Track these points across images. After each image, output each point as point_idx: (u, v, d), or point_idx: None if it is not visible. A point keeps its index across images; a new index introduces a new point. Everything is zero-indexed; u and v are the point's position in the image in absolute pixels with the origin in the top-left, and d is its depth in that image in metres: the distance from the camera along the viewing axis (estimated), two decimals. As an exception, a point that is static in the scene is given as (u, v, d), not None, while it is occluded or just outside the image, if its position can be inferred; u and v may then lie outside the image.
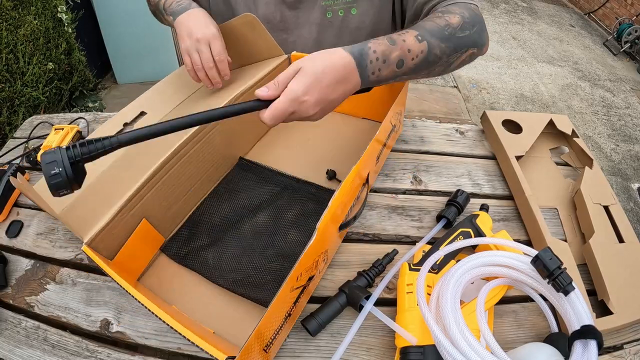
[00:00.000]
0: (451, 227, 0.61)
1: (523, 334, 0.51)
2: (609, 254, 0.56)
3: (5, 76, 1.69)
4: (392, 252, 0.56)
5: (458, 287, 0.44)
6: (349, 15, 0.75)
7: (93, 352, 0.49)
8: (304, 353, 0.49)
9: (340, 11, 0.75)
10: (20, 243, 0.63)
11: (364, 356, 0.49)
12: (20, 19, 1.74)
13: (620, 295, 0.52)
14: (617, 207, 0.63)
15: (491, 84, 2.87)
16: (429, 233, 0.61)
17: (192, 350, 0.49)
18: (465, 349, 0.38)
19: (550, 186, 0.69)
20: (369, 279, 0.53)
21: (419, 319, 0.45)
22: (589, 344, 0.39)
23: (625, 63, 3.31)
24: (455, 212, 0.62)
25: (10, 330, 0.52)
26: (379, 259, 0.55)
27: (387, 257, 0.55)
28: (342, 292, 0.51)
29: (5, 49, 1.66)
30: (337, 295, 0.51)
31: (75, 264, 0.59)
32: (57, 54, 1.98)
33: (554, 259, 0.42)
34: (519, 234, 0.63)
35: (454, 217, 0.62)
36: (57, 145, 0.72)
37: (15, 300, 0.55)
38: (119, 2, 2.19)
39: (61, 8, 1.96)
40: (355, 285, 0.51)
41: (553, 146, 0.77)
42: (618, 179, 2.19)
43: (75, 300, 0.55)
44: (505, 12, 4.00)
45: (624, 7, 3.57)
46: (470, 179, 0.71)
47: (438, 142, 0.78)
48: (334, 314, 0.49)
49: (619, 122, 2.61)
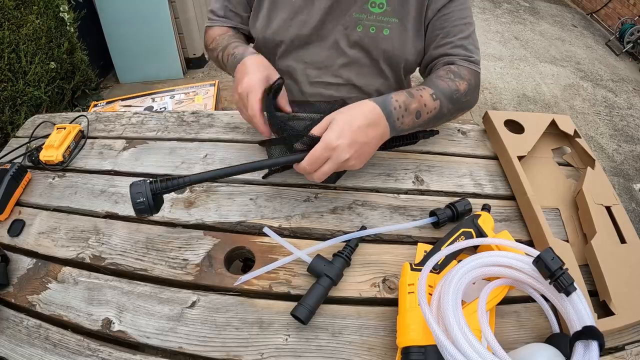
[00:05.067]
0: (439, 227, 0.62)
1: (524, 334, 0.51)
2: (611, 254, 0.56)
3: (7, 75, 1.70)
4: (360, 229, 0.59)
5: (459, 288, 0.44)
6: (380, 34, 0.72)
7: (94, 351, 0.49)
8: (305, 353, 0.49)
9: (372, 27, 0.72)
10: (22, 242, 0.63)
11: (366, 356, 0.49)
12: (22, 18, 1.75)
13: (622, 296, 0.51)
14: (619, 207, 0.63)
15: (493, 84, 2.86)
16: (412, 222, 0.62)
17: (193, 350, 0.49)
18: (466, 350, 0.38)
19: (552, 186, 0.69)
20: (346, 259, 0.55)
21: (420, 319, 0.45)
22: (591, 344, 0.39)
23: (627, 63, 3.30)
24: (448, 214, 0.61)
25: (12, 329, 0.52)
26: (348, 241, 0.57)
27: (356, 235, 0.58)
28: (323, 275, 0.52)
29: (7, 48, 1.67)
30: (319, 279, 0.52)
31: (76, 263, 0.59)
32: (59, 53, 1.98)
33: (555, 259, 0.42)
34: (520, 235, 0.63)
35: (445, 219, 0.61)
36: (59, 144, 0.73)
37: (17, 299, 0.56)
38: (121, 2, 2.19)
39: (63, 7, 1.97)
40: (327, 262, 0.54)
41: (555, 146, 0.77)
42: (620, 179, 2.18)
43: (77, 299, 0.55)
44: (508, 12, 4.00)
45: (626, 7, 3.56)
46: (472, 179, 0.71)
47: (440, 142, 0.78)
48: (320, 297, 0.51)
49: (621, 123, 2.60)
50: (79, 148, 0.78)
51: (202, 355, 0.49)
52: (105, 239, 0.62)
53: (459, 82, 0.68)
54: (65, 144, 0.75)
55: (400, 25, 0.72)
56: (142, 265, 0.58)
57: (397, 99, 0.60)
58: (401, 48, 0.74)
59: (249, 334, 0.50)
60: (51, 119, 0.86)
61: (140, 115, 0.86)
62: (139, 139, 0.80)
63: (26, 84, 1.79)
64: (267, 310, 0.53)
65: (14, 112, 1.77)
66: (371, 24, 0.72)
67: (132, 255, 0.59)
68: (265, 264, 0.57)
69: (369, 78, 0.79)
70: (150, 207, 0.51)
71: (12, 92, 1.73)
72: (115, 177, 0.72)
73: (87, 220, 0.65)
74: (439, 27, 0.72)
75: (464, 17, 0.72)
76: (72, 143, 0.76)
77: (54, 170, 0.74)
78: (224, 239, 0.61)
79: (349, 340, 0.50)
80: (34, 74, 1.82)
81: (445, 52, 0.72)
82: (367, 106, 0.56)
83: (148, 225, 0.63)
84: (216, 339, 0.50)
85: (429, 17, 0.72)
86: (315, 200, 0.66)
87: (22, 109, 1.79)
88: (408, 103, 0.60)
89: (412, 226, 0.61)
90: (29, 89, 1.80)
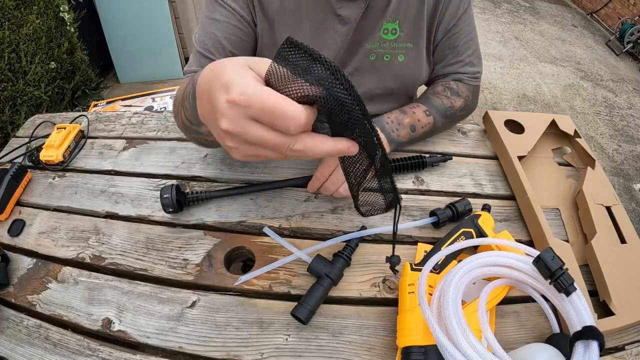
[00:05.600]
0: (439, 227, 0.62)
1: (524, 334, 0.51)
2: (611, 254, 0.56)
3: (7, 75, 1.70)
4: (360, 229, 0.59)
5: (460, 287, 0.44)
6: (395, 62, 0.70)
7: (94, 351, 0.49)
8: (305, 353, 0.49)
9: (385, 56, 0.69)
10: (22, 242, 0.63)
11: (366, 356, 0.49)
12: (22, 18, 1.75)
13: (622, 296, 0.51)
14: (619, 207, 0.63)
15: (493, 84, 2.86)
16: (412, 222, 0.62)
17: (193, 350, 0.49)
18: (466, 350, 0.38)
19: (553, 187, 0.69)
20: (346, 259, 0.55)
21: (420, 319, 0.45)
22: (591, 344, 0.39)
23: (627, 63, 3.30)
24: (448, 214, 0.61)
25: (12, 328, 0.52)
26: (349, 241, 0.57)
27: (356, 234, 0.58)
28: (323, 275, 0.52)
29: (7, 48, 1.67)
30: (319, 279, 0.52)
31: (77, 263, 0.59)
32: (59, 53, 1.98)
33: (555, 259, 0.42)
34: (520, 235, 0.63)
35: (445, 219, 0.61)
36: (59, 143, 0.73)
37: (17, 299, 0.56)
38: (121, 2, 2.19)
39: (63, 7, 1.97)
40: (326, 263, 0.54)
41: (555, 146, 0.77)
42: (620, 179, 2.18)
43: (77, 299, 0.55)
44: (508, 12, 4.00)
45: (626, 7, 3.56)
46: (472, 179, 0.71)
47: (440, 142, 0.78)
48: (320, 297, 0.50)
49: (621, 123, 2.60)
50: (79, 148, 0.78)
51: (202, 355, 0.49)
52: (106, 239, 0.62)
53: (454, 100, 0.72)
54: (65, 143, 0.75)
55: (415, 49, 0.70)
56: (142, 265, 0.58)
57: (388, 116, 0.66)
58: (418, 71, 0.73)
59: (249, 334, 0.50)
60: (51, 118, 0.85)
61: (140, 115, 0.86)
62: (139, 138, 0.80)
63: (26, 84, 1.79)
64: (267, 310, 0.53)
65: (14, 112, 1.77)
66: (385, 52, 0.69)
67: (132, 255, 0.59)
68: (265, 264, 0.57)
69: (379, 105, 0.77)
70: (173, 204, 0.61)
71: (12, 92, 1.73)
72: (115, 177, 0.72)
73: (88, 220, 0.65)
74: (449, 46, 0.71)
75: (470, 31, 0.71)
76: (72, 143, 0.76)
77: (54, 170, 0.74)
78: (224, 239, 0.61)
79: (349, 340, 0.50)
80: (34, 74, 1.82)
81: (454, 71, 0.73)
82: None
83: (148, 225, 0.64)
84: (216, 339, 0.50)
85: (438, 38, 0.70)
86: (315, 200, 0.66)
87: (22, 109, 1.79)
88: (400, 119, 0.67)
89: (412, 226, 0.61)
90: (29, 88, 1.80)
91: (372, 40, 0.68)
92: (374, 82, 0.73)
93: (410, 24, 0.67)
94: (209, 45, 0.63)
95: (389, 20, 0.66)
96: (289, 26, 0.65)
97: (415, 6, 0.66)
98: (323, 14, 0.65)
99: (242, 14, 0.63)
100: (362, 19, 0.65)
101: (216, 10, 0.63)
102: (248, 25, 0.65)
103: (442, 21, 0.68)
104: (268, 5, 0.63)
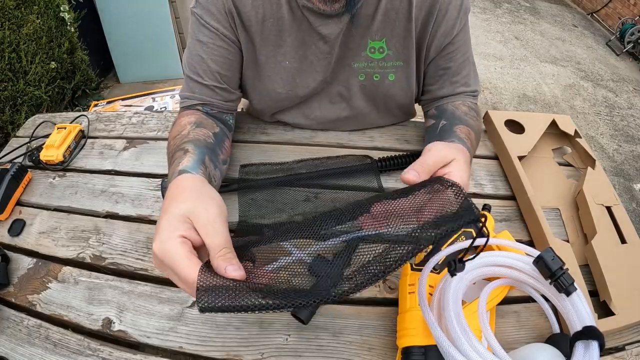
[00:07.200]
0: None
1: (525, 334, 0.51)
2: (611, 254, 0.56)
3: (8, 75, 1.70)
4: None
5: (460, 288, 0.44)
6: (385, 81, 0.68)
7: (95, 351, 0.49)
8: (305, 352, 0.49)
9: (375, 75, 0.67)
10: (23, 241, 0.63)
11: (366, 356, 0.49)
12: (23, 18, 1.75)
13: (622, 296, 0.51)
14: (619, 207, 0.63)
15: (494, 83, 2.86)
16: None
17: (193, 349, 0.49)
18: (466, 350, 0.38)
19: (553, 186, 0.69)
20: (346, 259, 0.54)
21: (420, 319, 0.45)
22: (591, 344, 0.38)
23: (628, 63, 3.30)
24: None
25: (12, 328, 0.52)
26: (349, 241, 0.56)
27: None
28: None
29: (8, 48, 1.67)
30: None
31: (77, 263, 0.60)
32: (59, 53, 1.98)
33: (556, 259, 0.42)
34: (521, 235, 0.63)
35: None
36: (60, 143, 0.73)
37: (17, 299, 0.56)
38: (121, 2, 2.19)
39: (64, 7, 1.97)
40: None
41: (555, 146, 0.77)
42: (620, 179, 2.18)
43: (77, 298, 0.55)
44: (508, 12, 4.00)
45: (627, 7, 3.56)
46: (473, 179, 0.71)
47: (440, 142, 0.78)
48: None
49: (621, 123, 2.60)
50: (80, 148, 0.78)
51: (203, 354, 0.49)
52: (106, 239, 0.62)
53: (480, 122, 0.69)
54: (65, 143, 0.75)
55: (406, 66, 0.66)
56: (143, 265, 0.58)
57: (459, 132, 0.61)
58: (409, 89, 0.70)
59: (249, 334, 0.50)
60: (52, 118, 0.86)
61: (140, 115, 0.86)
62: (140, 138, 0.80)
63: (27, 84, 1.80)
64: (267, 310, 0.53)
65: (15, 112, 1.77)
66: (374, 71, 0.67)
67: (133, 255, 0.60)
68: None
69: (374, 122, 0.78)
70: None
71: (13, 91, 1.73)
72: (115, 177, 0.72)
73: (88, 220, 0.65)
74: (443, 66, 0.67)
75: (466, 50, 0.67)
76: (72, 143, 0.76)
77: (55, 170, 0.74)
78: (224, 239, 0.61)
79: (350, 340, 0.50)
80: (34, 74, 1.82)
81: (452, 92, 0.69)
82: (458, 145, 0.55)
83: (148, 225, 0.64)
84: (216, 339, 0.50)
85: (430, 56, 0.66)
86: (315, 200, 0.66)
87: (22, 109, 1.79)
88: (467, 133, 0.63)
89: None
90: (29, 88, 1.81)
91: (359, 60, 0.66)
92: (364, 102, 0.72)
93: (399, 42, 0.64)
94: (197, 69, 0.63)
95: (375, 39, 0.63)
96: (271, 43, 0.64)
97: (403, 24, 0.62)
98: (304, 32, 0.63)
99: (226, 33, 0.62)
100: (345, 37, 0.63)
101: (200, 31, 0.62)
102: (233, 44, 0.63)
103: (434, 39, 0.64)
104: (248, 22, 0.62)
